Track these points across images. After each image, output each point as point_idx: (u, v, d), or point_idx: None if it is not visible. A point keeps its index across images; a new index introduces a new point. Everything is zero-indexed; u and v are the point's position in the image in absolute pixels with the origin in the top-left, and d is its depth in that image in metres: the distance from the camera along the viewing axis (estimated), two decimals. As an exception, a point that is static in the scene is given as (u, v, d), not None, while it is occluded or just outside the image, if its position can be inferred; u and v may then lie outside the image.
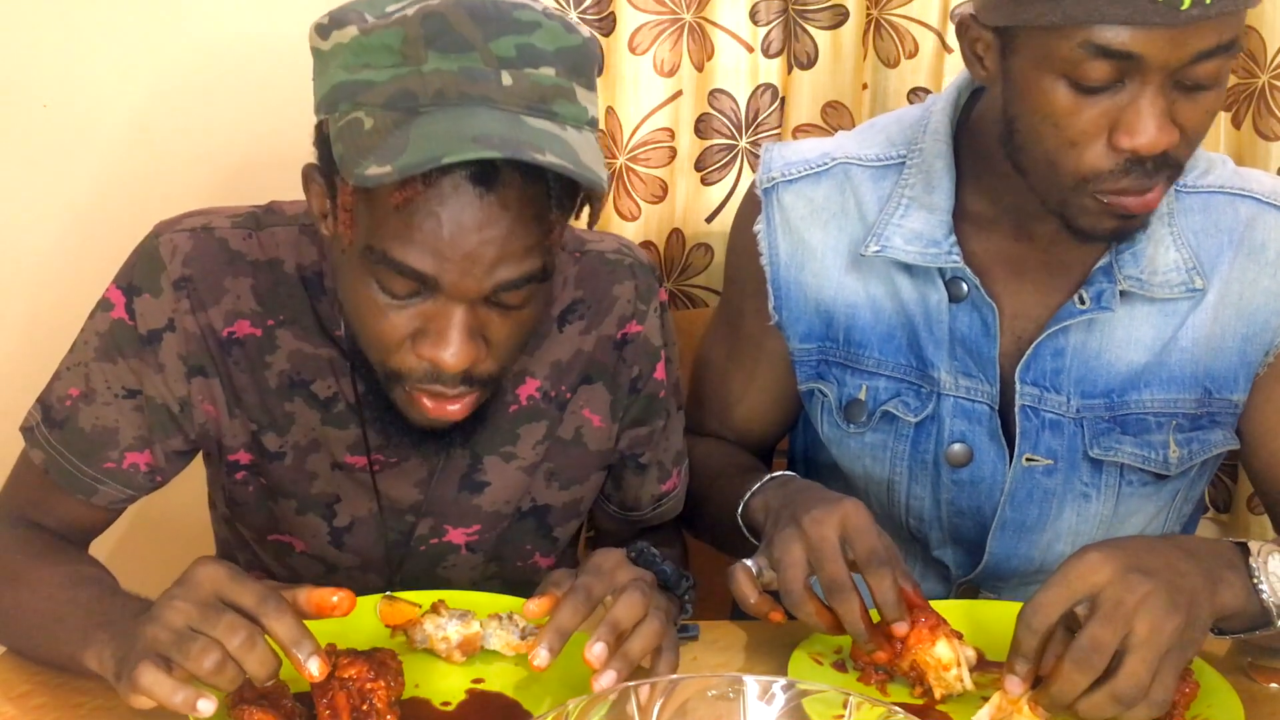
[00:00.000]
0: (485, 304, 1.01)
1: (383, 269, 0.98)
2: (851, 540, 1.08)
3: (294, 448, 1.19)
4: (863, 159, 1.32)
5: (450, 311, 1.00)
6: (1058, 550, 1.30)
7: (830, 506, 1.09)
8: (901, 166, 1.30)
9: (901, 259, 1.27)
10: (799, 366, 1.35)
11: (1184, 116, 1.10)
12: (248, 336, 1.16)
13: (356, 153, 0.95)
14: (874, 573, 1.07)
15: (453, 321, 1.00)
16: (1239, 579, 1.04)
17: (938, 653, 1.06)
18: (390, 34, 0.95)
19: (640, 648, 1.00)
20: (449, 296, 0.99)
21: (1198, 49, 1.07)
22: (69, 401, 1.15)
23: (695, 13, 1.65)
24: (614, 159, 1.68)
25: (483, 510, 1.23)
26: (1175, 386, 1.27)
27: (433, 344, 1.00)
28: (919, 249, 1.26)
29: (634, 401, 1.26)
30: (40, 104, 1.64)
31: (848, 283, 1.31)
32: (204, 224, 1.16)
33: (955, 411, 1.29)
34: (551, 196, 0.98)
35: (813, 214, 1.32)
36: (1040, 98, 1.11)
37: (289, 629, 0.92)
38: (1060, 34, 1.08)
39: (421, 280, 0.98)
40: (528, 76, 0.96)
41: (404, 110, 0.94)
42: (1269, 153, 1.62)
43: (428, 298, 1.00)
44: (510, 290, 1.00)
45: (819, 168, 1.33)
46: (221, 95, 1.65)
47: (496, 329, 1.02)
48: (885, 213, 1.28)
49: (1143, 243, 1.24)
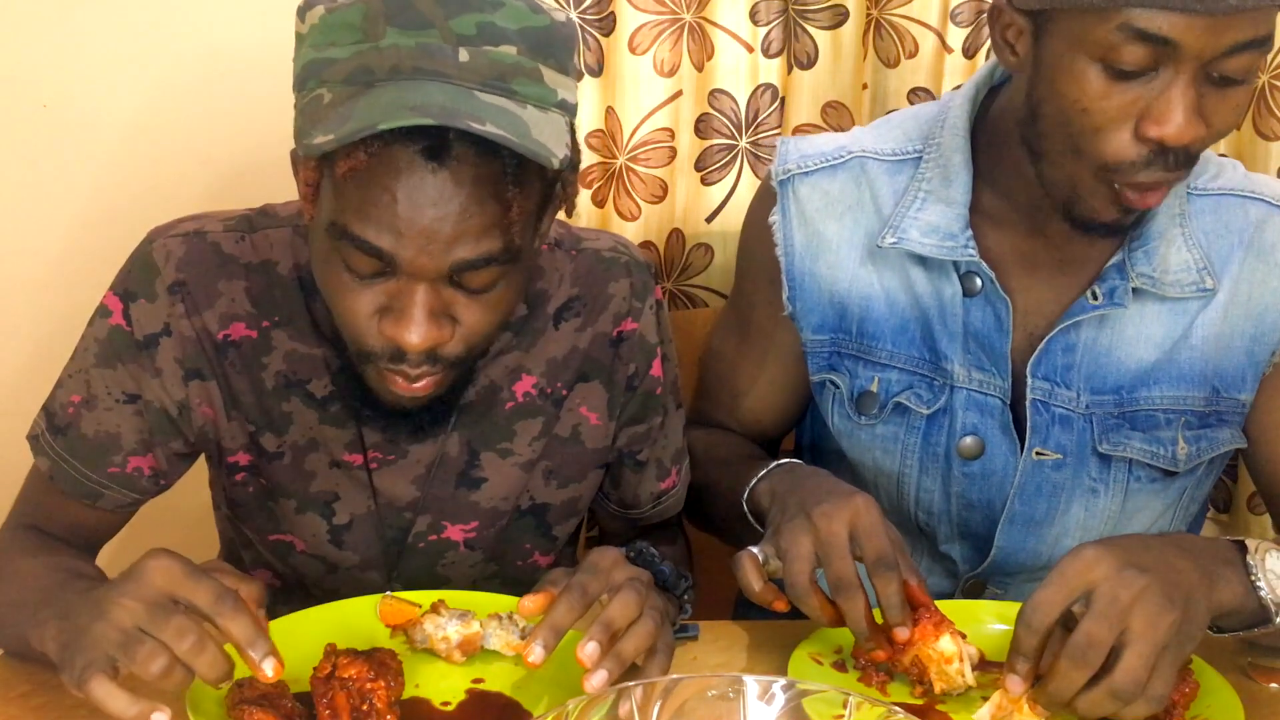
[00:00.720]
0: (450, 285, 1.01)
1: (345, 245, 0.99)
2: (861, 539, 1.08)
3: (292, 447, 1.19)
4: (879, 153, 1.33)
5: (412, 290, 1.00)
6: (1065, 546, 1.30)
7: (841, 501, 1.10)
8: (919, 161, 1.30)
9: (918, 251, 1.27)
10: (811, 358, 1.35)
11: (1212, 111, 1.11)
12: (243, 339, 1.16)
13: (310, 125, 0.97)
14: (881, 575, 1.07)
15: (415, 300, 1.00)
16: (1236, 576, 1.04)
17: (940, 646, 1.06)
18: (353, 11, 0.96)
19: (633, 648, 1.00)
20: (409, 275, 0.99)
21: (1235, 40, 1.07)
22: (71, 408, 1.16)
23: (695, 13, 1.65)
24: (614, 159, 1.68)
25: (480, 507, 1.24)
26: (1184, 384, 1.28)
27: (395, 323, 1.01)
28: (935, 241, 1.26)
29: (631, 399, 1.27)
30: (40, 104, 1.64)
31: (862, 275, 1.32)
32: (196, 229, 1.17)
33: (968, 404, 1.29)
34: (507, 173, 0.98)
35: (828, 206, 1.33)
36: (1072, 82, 1.12)
37: (243, 629, 0.91)
38: (1100, 16, 1.09)
39: (379, 255, 0.99)
40: (486, 54, 0.96)
41: (360, 84, 0.96)
42: (1269, 153, 1.62)
43: (391, 277, 1.01)
44: (470, 270, 1.00)
45: (835, 160, 1.33)
46: (221, 97, 1.65)
47: (463, 311, 1.02)
48: (902, 206, 1.29)
49: (1155, 241, 1.25)
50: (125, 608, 0.90)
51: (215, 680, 0.90)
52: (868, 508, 1.10)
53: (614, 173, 1.69)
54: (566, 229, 1.27)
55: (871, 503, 1.10)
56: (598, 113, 1.66)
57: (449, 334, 1.02)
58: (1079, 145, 1.14)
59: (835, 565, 1.07)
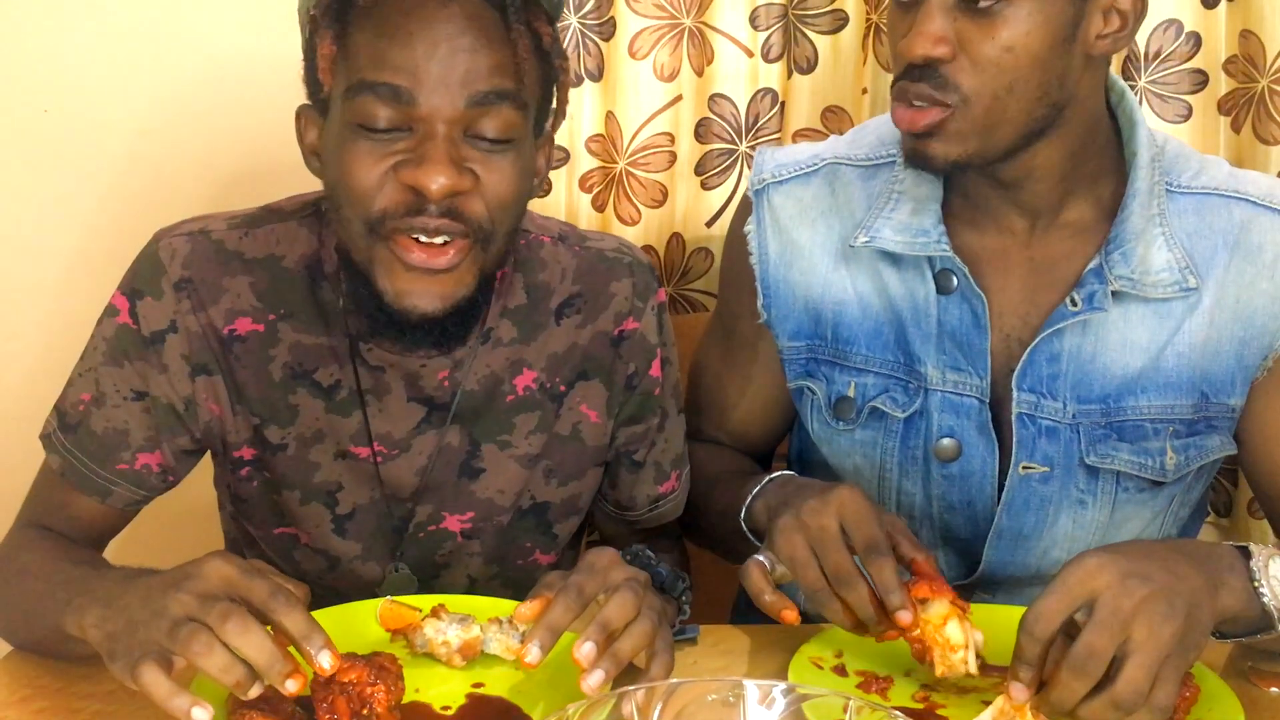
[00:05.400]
0: (465, 138, 1.05)
1: (364, 99, 1.04)
2: (850, 529, 1.08)
3: (297, 439, 1.21)
4: (853, 159, 1.34)
5: (432, 134, 1.04)
6: (1054, 557, 1.30)
7: (828, 495, 1.10)
8: (892, 165, 1.31)
9: (890, 249, 1.28)
10: (788, 365, 1.36)
11: (969, 37, 1.15)
12: (250, 333, 1.18)
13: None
14: (873, 562, 1.07)
15: (435, 144, 1.04)
16: (1239, 582, 1.04)
17: (948, 633, 1.05)
18: None
19: (630, 647, 1.01)
20: (427, 120, 1.04)
21: None
22: (81, 406, 1.18)
23: (695, 18, 1.66)
24: (614, 163, 1.69)
25: (477, 497, 1.24)
26: (1172, 392, 1.27)
27: (414, 167, 1.04)
28: (908, 239, 1.27)
29: (629, 398, 1.27)
30: (41, 109, 1.64)
31: (835, 279, 1.32)
32: (201, 228, 1.19)
33: (943, 406, 1.29)
34: (509, 10, 1.05)
35: (801, 213, 1.34)
36: None
37: (298, 623, 0.92)
38: None
39: (398, 97, 1.03)
40: None
41: None
42: (1269, 157, 1.62)
43: (408, 134, 1.04)
44: (485, 111, 1.04)
45: (809, 168, 1.35)
46: (223, 102, 1.66)
47: (480, 167, 1.06)
48: (875, 208, 1.30)
49: (1133, 242, 1.24)
50: (180, 601, 0.91)
51: (265, 665, 0.89)
52: (853, 497, 1.10)
53: (614, 177, 1.69)
54: (571, 228, 1.29)
55: (857, 492, 1.11)
56: (598, 117, 1.66)
57: (469, 182, 1.05)
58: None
59: (830, 558, 1.07)
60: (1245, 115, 1.64)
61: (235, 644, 0.90)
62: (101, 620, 0.95)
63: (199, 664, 0.89)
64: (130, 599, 0.94)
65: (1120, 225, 1.24)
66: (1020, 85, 1.16)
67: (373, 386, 1.19)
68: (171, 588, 0.92)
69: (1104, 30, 1.19)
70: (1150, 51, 1.63)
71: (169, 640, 0.90)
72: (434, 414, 1.21)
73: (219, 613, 0.90)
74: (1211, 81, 1.64)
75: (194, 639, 0.89)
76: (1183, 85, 1.64)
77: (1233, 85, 1.63)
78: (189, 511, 1.44)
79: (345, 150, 1.06)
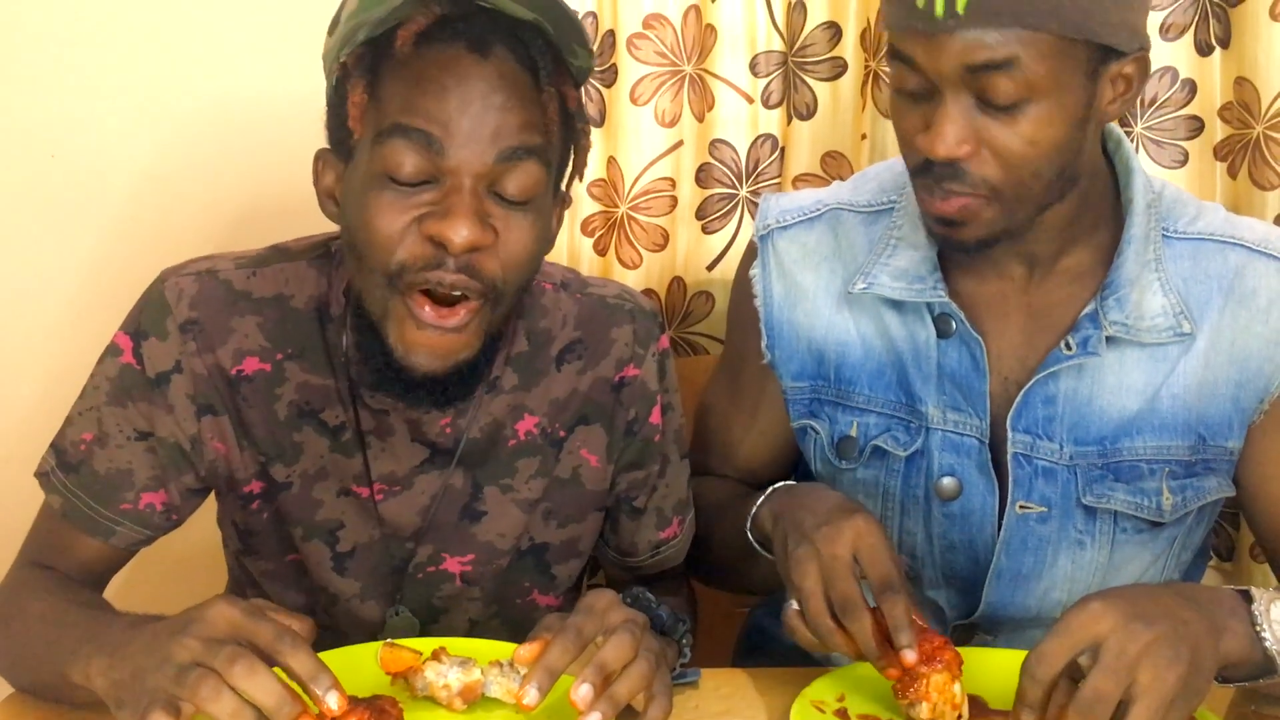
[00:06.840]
0: (489, 194, 1.06)
1: (393, 143, 1.04)
2: (864, 562, 1.09)
3: (301, 476, 1.21)
4: (855, 205, 1.36)
5: (458, 187, 1.05)
6: (1054, 598, 1.30)
7: (843, 522, 1.11)
8: (892, 211, 1.33)
9: (888, 295, 1.30)
10: (792, 405, 1.37)
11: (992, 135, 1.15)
12: (257, 372, 1.18)
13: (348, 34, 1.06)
14: (887, 599, 1.07)
15: (460, 197, 1.05)
16: (1242, 627, 1.04)
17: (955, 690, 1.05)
18: None
19: (627, 689, 1.00)
20: (454, 171, 1.04)
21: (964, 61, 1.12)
22: (83, 446, 1.17)
23: (696, 64, 1.67)
24: (615, 208, 1.70)
25: (478, 540, 1.24)
26: (1168, 433, 1.28)
27: (439, 220, 1.05)
28: (905, 285, 1.29)
29: (629, 444, 1.28)
30: (48, 154, 1.65)
31: (838, 321, 1.34)
32: (208, 268, 1.19)
33: (943, 445, 1.30)
34: (540, 72, 1.07)
35: (805, 257, 1.36)
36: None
37: (305, 664, 0.92)
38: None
39: (428, 145, 1.03)
40: None
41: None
42: (1265, 202, 1.63)
43: (434, 185, 1.05)
44: (511, 163, 1.05)
45: (812, 214, 1.37)
46: (228, 145, 1.67)
47: (501, 225, 1.06)
48: (874, 253, 1.32)
49: (1127, 288, 1.25)
50: (186, 646, 0.91)
51: (274, 707, 0.89)
52: (869, 529, 1.11)
53: (616, 221, 1.70)
54: (574, 274, 1.29)
55: (873, 523, 1.12)
56: (600, 162, 1.68)
57: (490, 238, 1.06)
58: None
59: (839, 586, 1.08)
60: (1241, 161, 1.65)
61: (243, 687, 0.89)
62: (108, 669, 0.95)
63: (208, 709, 0.89)
64: (136, 646, 0.94)
65: (1115, 271, 1.25)
66: (1045, 169, 1.18)
67: (375, 428, 1.20)
68: (177, 633, 0.92)
69: (1113, 97, 1.20)
70: (1146, 98, 1.64)
71: (176, 686, 0.89)
72: (437, 456, 1.22)
73: (225, 656, 0.89)
74: (1207, 128, 1.65)
75: (201, 684, 0.88)
76: (1179, 131, 1.66)
77: (1228, 131, 1.65)
78: (191, 552, 1.44)
79: (369, 199, 1.07)
